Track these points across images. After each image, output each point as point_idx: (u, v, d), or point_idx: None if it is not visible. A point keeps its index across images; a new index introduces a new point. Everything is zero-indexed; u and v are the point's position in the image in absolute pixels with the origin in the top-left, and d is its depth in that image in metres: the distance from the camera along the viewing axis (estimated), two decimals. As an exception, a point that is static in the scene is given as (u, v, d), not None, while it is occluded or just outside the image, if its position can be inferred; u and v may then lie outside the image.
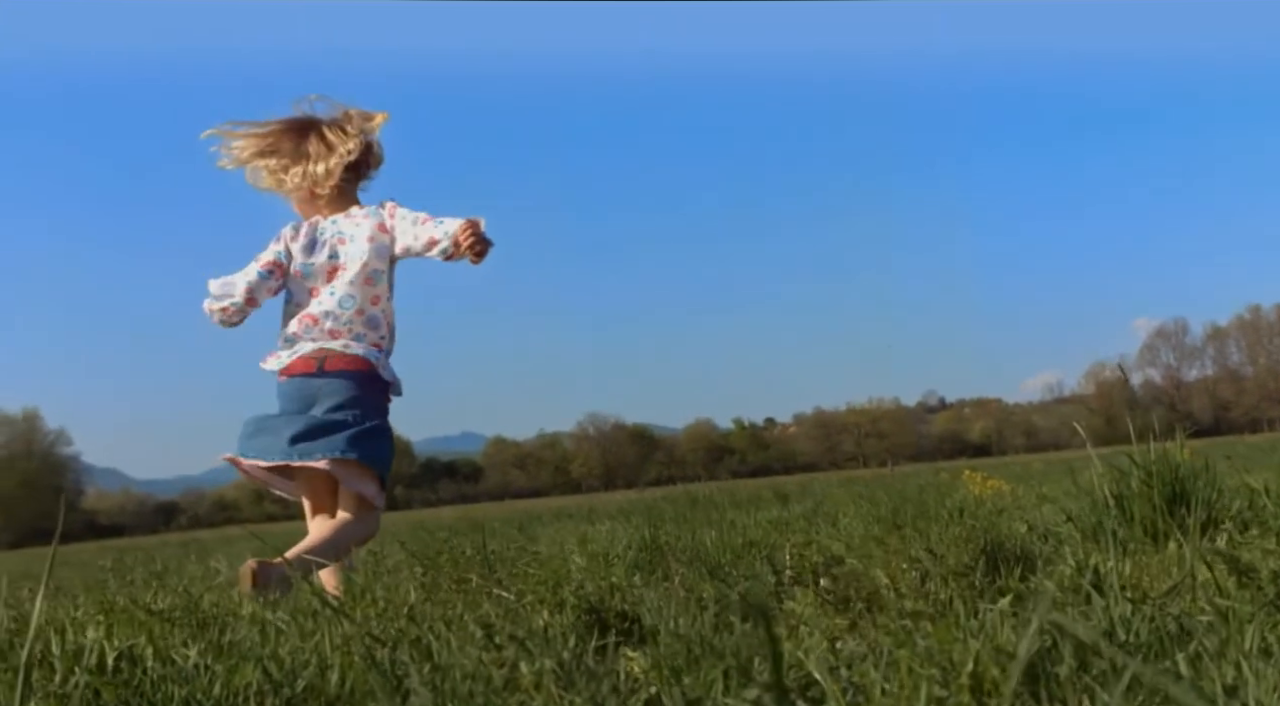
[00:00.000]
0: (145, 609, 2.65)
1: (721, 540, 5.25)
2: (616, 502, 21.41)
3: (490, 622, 1.94)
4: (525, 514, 20.74)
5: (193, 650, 1.99)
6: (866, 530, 6.01)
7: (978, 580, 3.48)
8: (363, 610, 2.32)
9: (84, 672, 1.84)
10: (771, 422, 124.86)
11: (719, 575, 3.91)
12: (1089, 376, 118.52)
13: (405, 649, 1.97)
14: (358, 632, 1.99)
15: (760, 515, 8.10)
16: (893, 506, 7.01)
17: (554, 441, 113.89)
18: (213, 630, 2.37)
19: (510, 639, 1.78)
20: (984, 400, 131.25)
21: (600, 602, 2.48)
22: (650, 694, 1.89)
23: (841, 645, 2.32)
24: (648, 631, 2.29)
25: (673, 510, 11.05)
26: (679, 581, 3.43)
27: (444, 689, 1.69)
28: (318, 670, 1.92)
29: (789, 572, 4.11)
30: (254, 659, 1.89)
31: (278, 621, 2.34)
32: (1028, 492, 9.08)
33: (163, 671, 1.90)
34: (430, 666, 1.76)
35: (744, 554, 4.65)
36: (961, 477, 17.64)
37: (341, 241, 3.91)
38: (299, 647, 2.08)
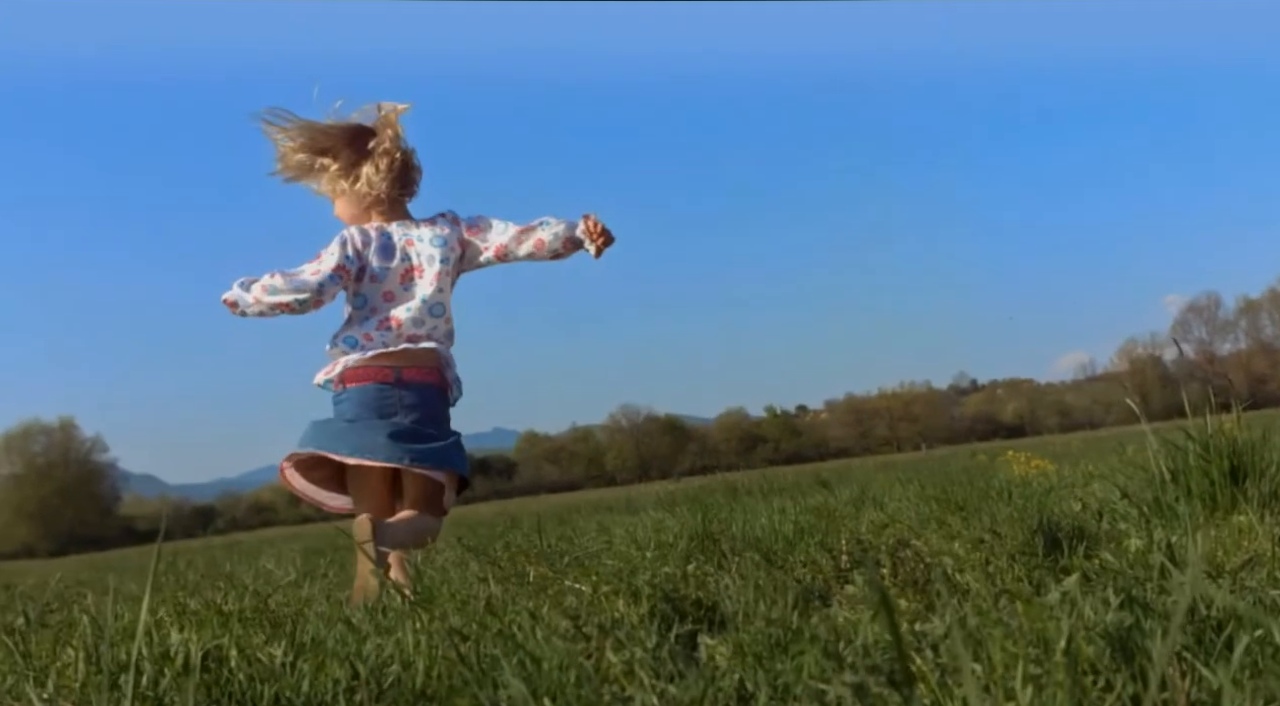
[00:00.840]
0: (217, 610, 2.65)
1: (773, 527, 5.24)
2: (654, 494, 21.39)
3: (576, 613, 1.93)
4: (563, 507, 20.75)
5: (278, 649, 1.99)
6: (917, 513, 5.99)
7: (1040, 559, 3.46)
8: (441, 604, 2.31)
9: (173, 674, 1.84)
10: (803, 410, 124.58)
11: (774, 561, 3.90)
12: (1121, 354, 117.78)
13: (488, 642, 1.96)
14: (440, 627, 1.99)
15: (806, 501, 8.07)
16: (942, 488, 6.99)
17: (586, 435, 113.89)
18: (290, 628, 2.37)
19: (599, 629, 1.78)
20: (1016, 380, 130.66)
21: (674, 591, 2.47)
22: (734, 681, 1.88)
23: (922, 626, 2.30)
24: (727, 618, 2.27)
25: (714, 499, 11.04)
26: (737, 568, 3.42)
27: (536, 679, 1.69)
28: (402, 665, 1.92)
29: (846, 557, 4.10)
30: (340, 656, 1.89)
31: (352, 617, 2.34)
32: (1073, 471, 9.03)
33: (249, 671, 1.91)
34: (520, 657, 1.75)
35: (797, 540, 4.63)
36: (999, 459, 17.60)
37: (410, 244, 3.89)
38: (379, 644, 2.08)
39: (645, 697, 1.66)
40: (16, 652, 2.15)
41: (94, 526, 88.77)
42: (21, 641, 2.36)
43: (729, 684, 1.77)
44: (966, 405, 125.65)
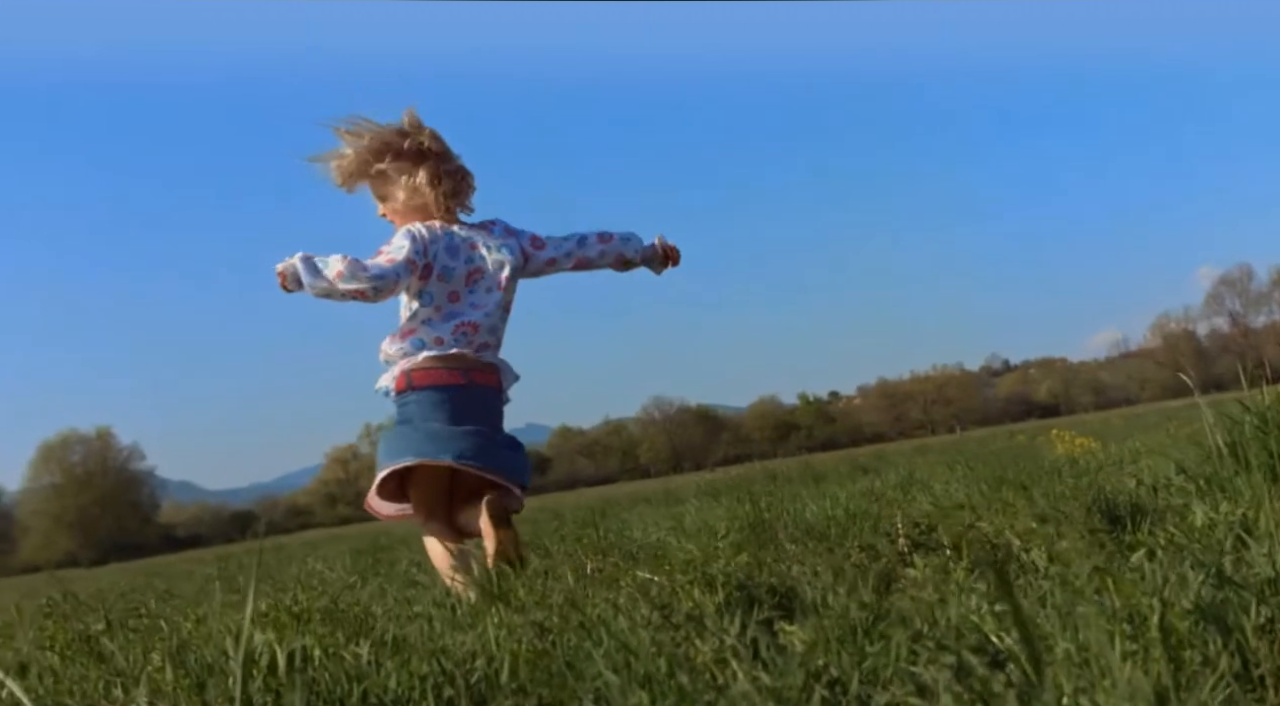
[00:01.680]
0: (288, 611, 2.66)
1: (824, 512, 5.22)
2: (691, 484, 21.38)
3: (665, 603, 1.93)
4: (601, 500, 20.76)
5: (364, 647, 1.99)
6: (968, 495, 5.97)
7: (1104, 536, 3.44)
8: (519, 598, 2.31)
9: (261, 675, 1.85)
10: (836, 396, 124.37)
11: (828, 545, 3.89)
12: (1154, 330, 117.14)
13: (571, 634, 1.96)
14: (521, 621, 1.99)
15: (852, 486, 8.05)
16: (994, 469, 6.95)
17: (619, 428, 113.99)
18: (370, 626, 2.38)
19: (688, 618, 1.77)
20: (1049, 360, 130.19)
21: (748, 579, 2.46)
22: (818, 666, 1.87)
23: (1001, 607, 2.28)
24: (805, 605, 2.26)
25: (757, 488, 11.03)
26: (795, 555, 3.41)
27: (627, 670, 1.69)
28: (487, 660, 1.92)
29: (904, 540, 4.08)
30: (426, 652, 1.89)
31: (428, 613, 2.34)
32: (1120, 448, 8.99)
33: (335, 669, 1.91)
34: (609, 647, 1.75)
35: (850, 525, 4.62)
36: (1039, 438, 17.53)
37: (475, 247, 3.87)
38: (460, 640, 2.08)
39: (739, 686, 1.65)
40: (116, 656, 2.16)
41: (134, 534, 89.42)
42: (103, 646, 2.37)
43: (819, 670, 1.76)
44: (1000, 386, 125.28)
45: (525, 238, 4.04)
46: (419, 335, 3.76)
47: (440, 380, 3.72)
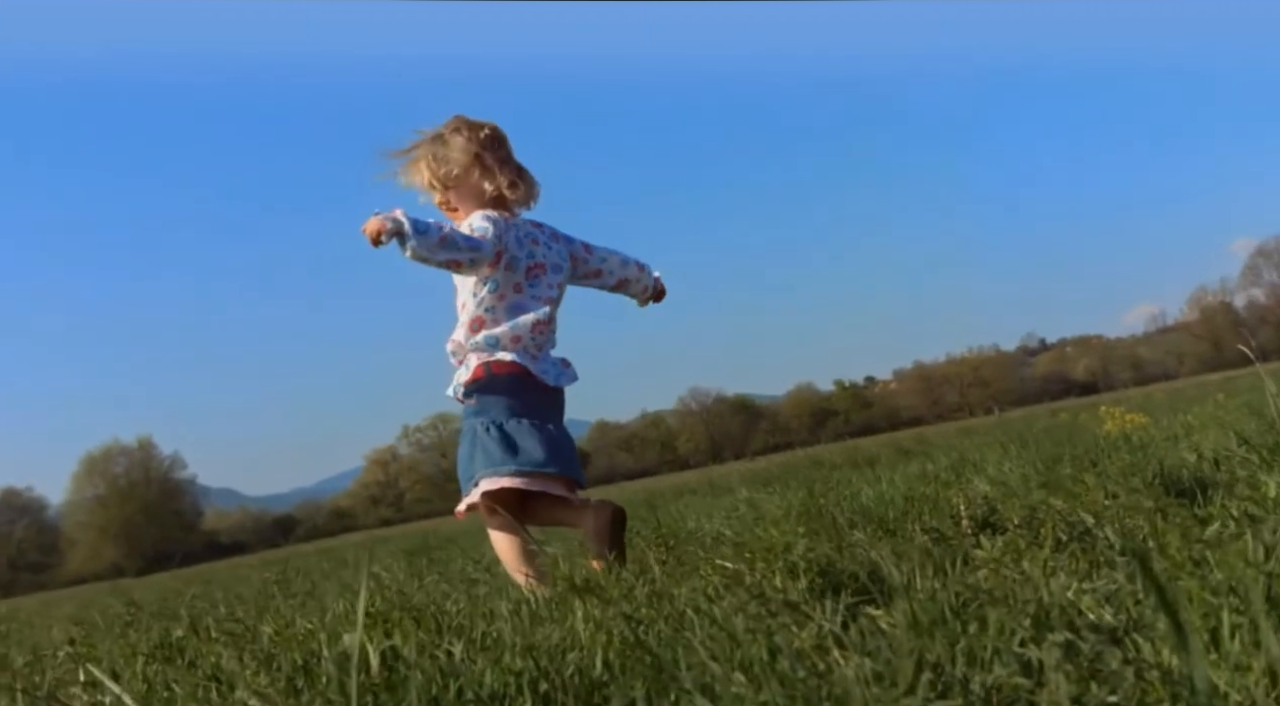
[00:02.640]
0: (366, 611, 2.65)
1: (881, 496, 5.20)
2: (734, 474, 21.35)
3: (761, 590, 1.91)
4: (645, 493, 20.75)
5: (457, 645, 1.99)
6: (1024, 474, 5.93)
7: (1176, 510, 3.41)
8: (605, 591, 2.30)
9: (358, 675, 1.84)
10: (872, 381, 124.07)
11: (888, 529, 3.87)
12: (1191, 303, 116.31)
13: (661, 624, 1.95)
14: (611, 613, 1.98)
15: (903, 470, 8.03)
16: (1048, 447, 6.92)
17: (657, 420, 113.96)
18: (448, 624, 2.38)
19: (785, 605, 1.76)
20: (1085, 337, 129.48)
21: (830, 565, 2.45)
22: (918, 649, 1.85)
23: (1090, 584, 2.26)
24: (892, 588, 2.24)
25: (804, 474, 11.02)
26: (856, 539, 3.40)
27: (727, 659, 1.68)
28: (580, 654, 1.91)
29: (968, 521, 4.06)
30: (521, 648, 1.88)
31: (509, 610, 2.34)
32: (1171, 422, 8.92)
33: (429, 667, 1.90)
34: (706, 636, 1.74)
35: (909, 508, 4.60)
36: (1079, 416, 17.41)
37: (535, 242, 3.86)
38: (548, 635, 2.08)
39: (842, 672, 1.64)
40: (204, 661, 2.16)
41: (178, 542, 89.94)
42: (189, 651, 2.38)
43: (920, 653, 1.74)
44: (1036, 365, 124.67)
45: (576, 244, 4.02)
46: (492, 330, 3.72)
47: (521, 377, 3.70)
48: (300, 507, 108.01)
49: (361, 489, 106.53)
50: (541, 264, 3.84)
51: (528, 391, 3.70)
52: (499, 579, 4.93)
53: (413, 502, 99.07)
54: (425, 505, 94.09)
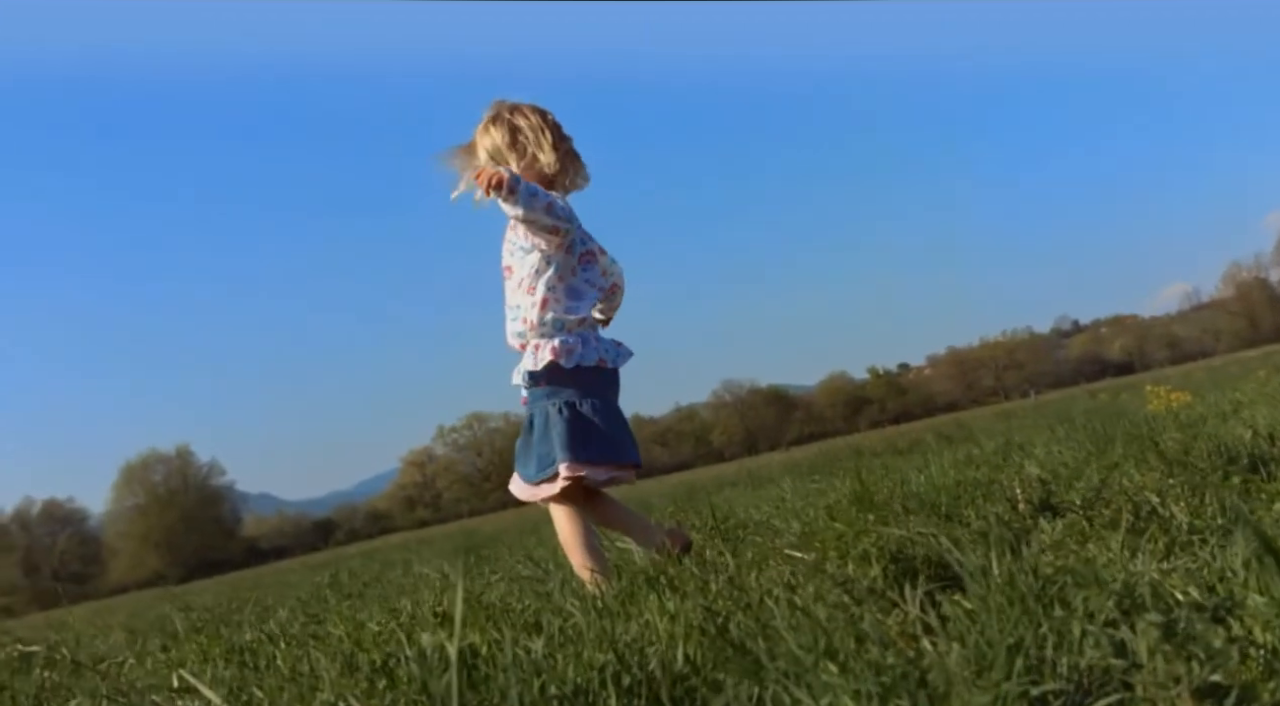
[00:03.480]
0: (432, 611, 2.66)
1: (931, 482, 5.17)
2: (772, 465, 21.32)
3: (845, 579, 1.90)
4: (684, 487, 20.72)
5: (537, 641, 1.98)
6: (1075, 455, 5.89)
7: (1243, 486, 3.38)
8: (680, 584, 2.29)
9: (440, 674, 1.84)
10: (905, 367, 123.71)
11: (942, 514, 3.85)
12: (1226, 280, 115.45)
13: (740, 614, 1.94)
14: (689, 606, 1.97)
15: (950, 455, 7.99)
16: (1096, 428, 6.87)
17: (691, 414, 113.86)
18: (518, 619, 2.37)
19: (869, 592, 1.74)
20: (1120, 317, 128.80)
21: (900, 551, 2.43)
22: (1010, 633, 1.83)
23: (1170, 564, 2.24)
24: (967, 574, 2.22)
25: (848, 463, 10.98)
26: (913, 524, 3.38)
27: (811, 648, 1.66)
28: (660, 647, 1.90)
29: (1025, 504, 4.03)
30: (601, 642, 1.88)
31: (591, 606, 2.33)
32: (1219, 400, 8.85)
33: (509, 665, 1.89)
34: (787, 625, 1.73)
35: (960, 493, 4.57)
36: (1119, 396, 17.29)
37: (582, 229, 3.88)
38: (625, 629, 2.07)
39: (933, 657, 1.63)
40: (280, 663, 2.16)
41: (219, 549, 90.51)
42: (263, 654, 2.38)
43: (1013, 638, 1.72)
44: (1071, 347, 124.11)
45: (594, 240, 4.02)
46: (557, 313, 3.71)
47: (590, 360, 3.71)
48: (338, 511, 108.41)
49: (398, 490, 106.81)
50: (592, 251, 3.84)
51: (596, 374, 3.71)
52: (555, 574, 4.93)
53: (450, 503, 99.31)
54: (463, 505, 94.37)
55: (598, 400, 3.67)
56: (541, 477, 3.62)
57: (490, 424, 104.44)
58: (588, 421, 3.62)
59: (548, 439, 3.62)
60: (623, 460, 3.65)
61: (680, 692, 1.84)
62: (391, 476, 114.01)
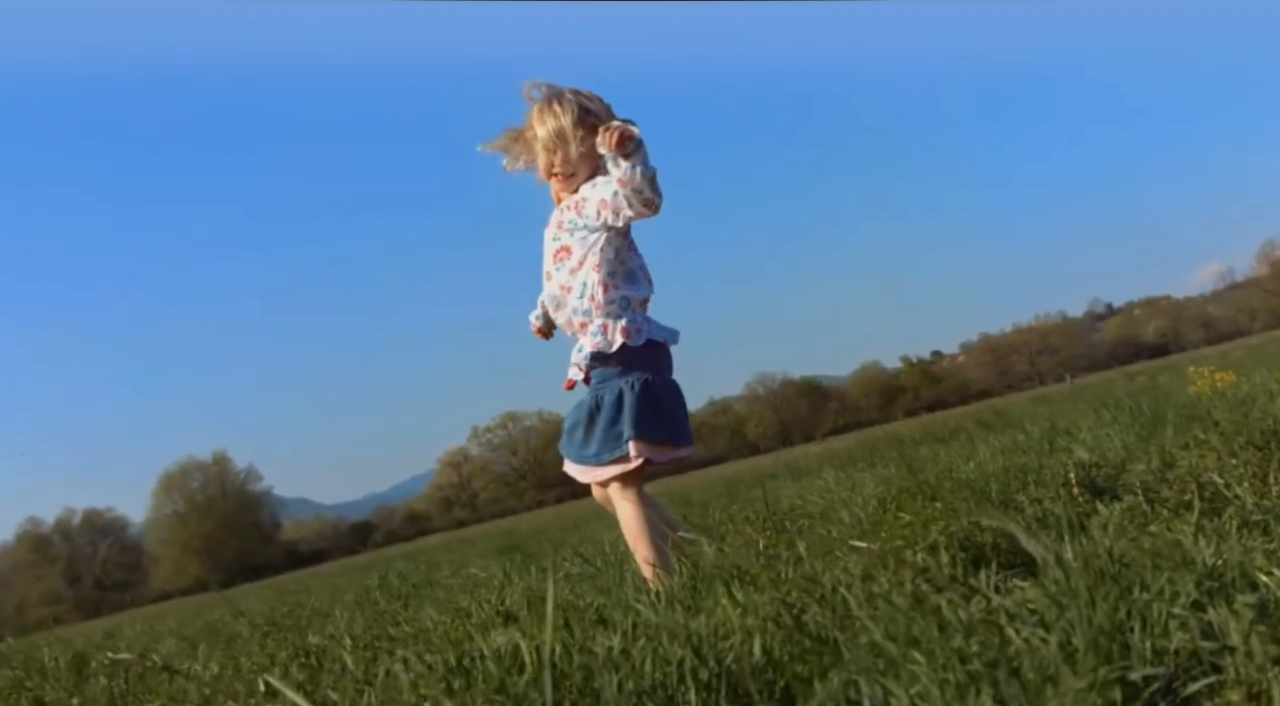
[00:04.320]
0: (496, 610, 2.66)
1: (979, 469, 5.15)
2: (810, 456, 21.24)
3: (926, 567, 1.88)
4: (722, 481, 20.69)
5: (613, 637, 1.97)
6: (1123, 439, 5.85)
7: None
8: (751, 577, 2.28)
9: (516, 673, 1.84)
10: (939, 355, 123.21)
11: (993, 500, 3.82)
12: (1260, 258, 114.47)
13: (814, 606, 1.93)
14: (763, 599, 1.96)
15: (994, 442, 7.93)
16: (1145, 411, 6.82)
17: (724, 407, 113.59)
18: (585, 616, 2.36)
19: (952, 580, 1.73)
20: (1153, 299, 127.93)
21: (967, 539, 2.41)
22: (1095, 618, 1.81)
23: (1247, 545, 2.21)
24: (1039, 560, 2.19)
25: (890, 452, 10.94)
26: (964, 511, 3.35)
27: (891, 637, 1.65)
28: (737, 640, 1.89)
29: (1078, 489, 4.00)
30: (679, 637, 1.86)
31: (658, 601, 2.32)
32: (1266, 378, 8.75)
33: (584, 660, 1.89)
34: (866, 616, 1.72)
35: (1010, 479, 4.54)
36: (1158, 378, 17.15)
37: None
38: (699, 623, 2.06)
39: (1019, 644, 1.61)
40: (351, 666, 2.16)
41: (258, 554, 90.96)
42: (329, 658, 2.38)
43: (1100, 622, 1.70)
44: (1105, 330, 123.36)
45: None
46: (621, 293, 3.70)
47: (657, 340, 3.71)
48: (376, 513, 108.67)
49: (435, 491, 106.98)
50: (633, 240, 3.84)
51: (661, 353, 3.71)
52: (608, 570, 4.92)
53: (486, 502, 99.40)
54: (499, 504, 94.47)
55: (665, 380, 3.67)
56: (610, 457, 3.57)
57: (524, 422, 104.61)
58: (659, 400, 3.60)
59: (619, 418, 3.57)
60: (688, 441, 3.66)
61: (759, 686, 1.83)
62: (427, 478, 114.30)
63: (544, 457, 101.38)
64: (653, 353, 3.69)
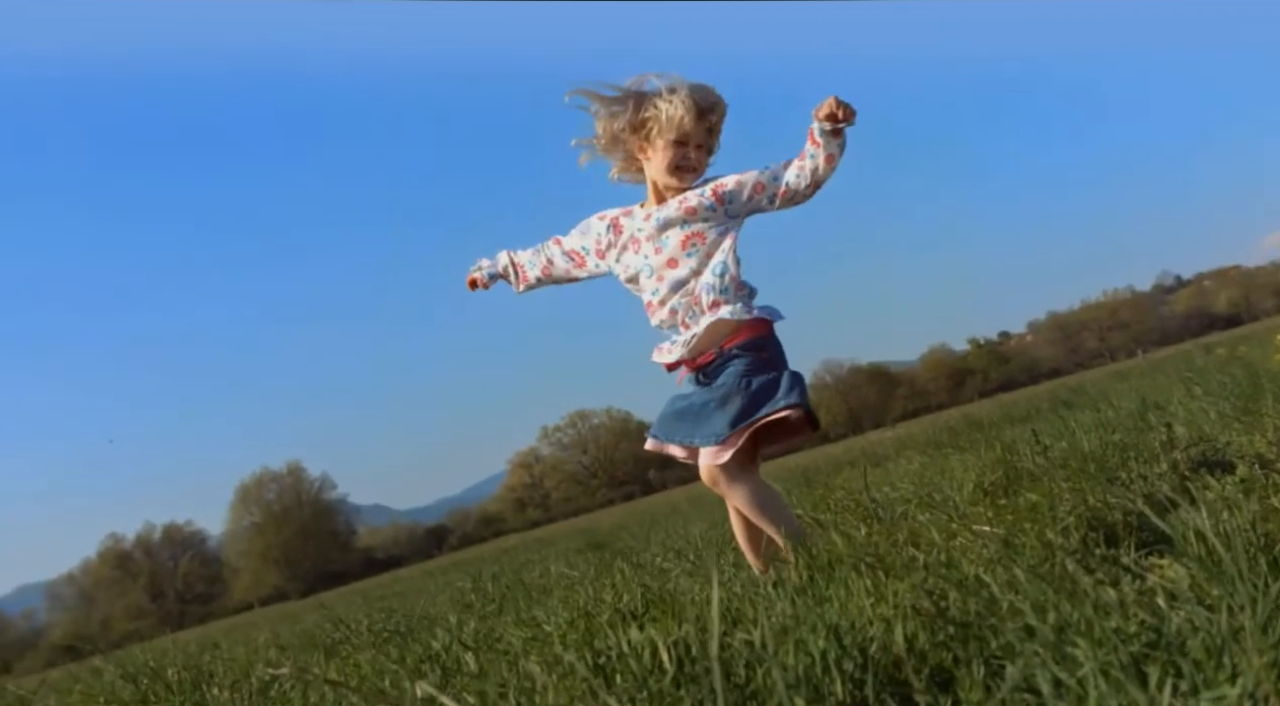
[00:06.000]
0: (613, 608, 2.64)
1: (1076, 448, 5.08)
2: (885, 442, 21.06)
3: (1076, 549, 1.85)
4: (799, 470, 20.54)
5: (753, 631, 1.95)
6: (1218, 410, 5.75)
7: None
8: (888, 564, 2.25)
9: (658, 672, 1.82)
10: (1006, 336, 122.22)
11: (1098, 478, 3.76)
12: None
13: (953, 591, 1.90)
14: (900, 587, 1.93)
15: (1077, 419, 7.83)
16: (1232, 384, 6.70)
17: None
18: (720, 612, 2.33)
19: (1103, 560, 1.69)
20: (1223, 269, 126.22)
21: (1096, 518, 2.37)
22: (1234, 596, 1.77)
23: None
24: (1176, 537, 2.15)
25: (975, 435, 10.83)
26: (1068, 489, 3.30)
27: (1064, 621, 1.62)
28: (877, 629, 1.86)
29: (1184, 463, 3.94)
30: (817, 627, 1.84)
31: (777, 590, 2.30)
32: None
33: (725, 656, 1.87)
34: (1011, 601, 1.68)
35: (1107, 456, 4.48)
36: (1238, 349, 16.88)
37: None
38: (834, 613, 2.03)
39: (1175, 624, 1.57)
40: (486, 669, 2.14)
41: (336, 562, 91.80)
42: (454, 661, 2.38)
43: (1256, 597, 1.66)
44: (1175, 303, 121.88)
45: None
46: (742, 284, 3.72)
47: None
48: (450, 517, 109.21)
49: (508, 492, 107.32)
50: None
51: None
52: (702, 564, 4.90)
53: (559, 501, 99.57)
54: (572, 503, 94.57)
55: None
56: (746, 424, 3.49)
57: (593, 421, 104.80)
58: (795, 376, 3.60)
59: (756, 392, 3.54)
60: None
61: (904, 677, 1.80)
62: (499, 479, 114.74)
63: (614, 455, 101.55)
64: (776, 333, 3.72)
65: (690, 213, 3.67)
